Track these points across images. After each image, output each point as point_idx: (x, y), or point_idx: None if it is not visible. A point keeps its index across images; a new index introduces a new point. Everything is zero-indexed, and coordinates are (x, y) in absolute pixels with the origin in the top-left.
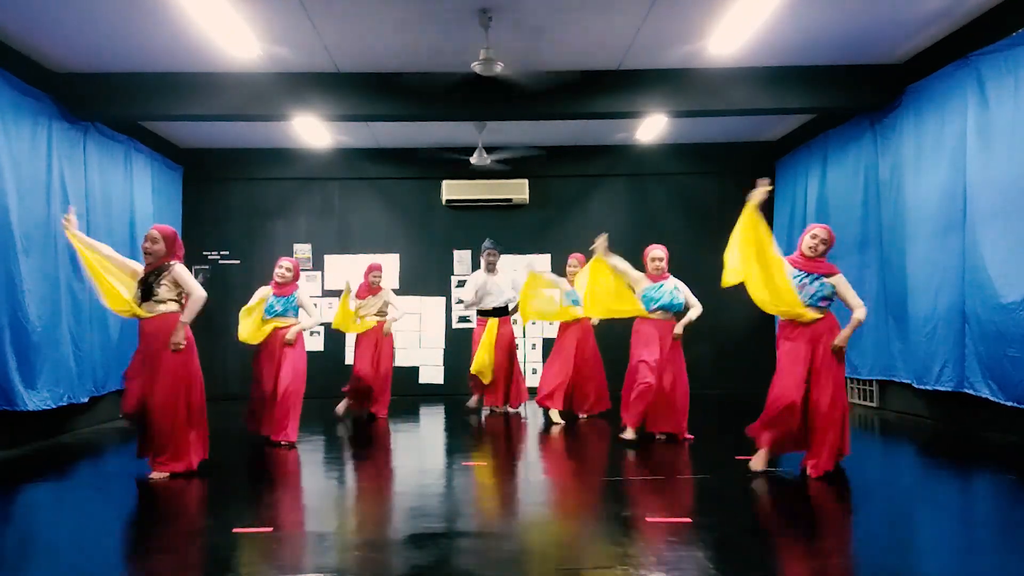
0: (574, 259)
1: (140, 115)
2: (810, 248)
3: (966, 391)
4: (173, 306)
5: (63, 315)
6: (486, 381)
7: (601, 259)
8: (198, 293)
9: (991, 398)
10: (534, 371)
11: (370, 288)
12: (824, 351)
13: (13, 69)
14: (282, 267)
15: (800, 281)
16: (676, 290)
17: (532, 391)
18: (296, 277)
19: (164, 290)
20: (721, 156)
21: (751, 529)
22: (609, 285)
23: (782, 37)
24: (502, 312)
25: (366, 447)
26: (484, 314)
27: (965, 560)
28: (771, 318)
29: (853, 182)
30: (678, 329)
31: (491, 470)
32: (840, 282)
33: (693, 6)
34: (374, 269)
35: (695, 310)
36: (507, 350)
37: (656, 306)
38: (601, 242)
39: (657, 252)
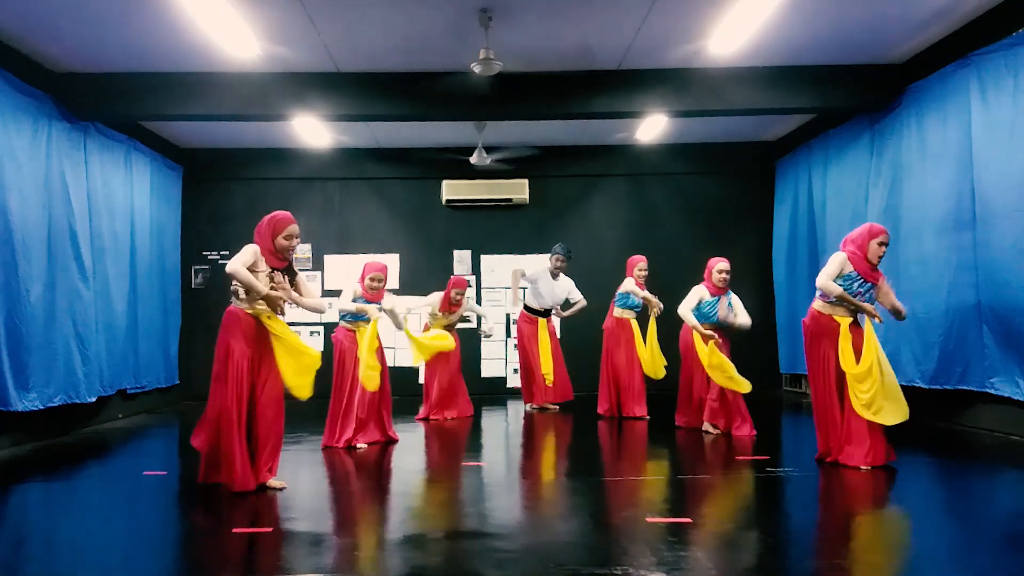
0: (643, 262)
1: (140, 115)
2: (879, 257)
3: (988, 391)
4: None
5: (62, 316)
6: (549, 383)
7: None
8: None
9: (1016, 398)
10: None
11: (451, 303)
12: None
13: (13, 69)
14: (374, 278)
15: (854, 287)
16: (730, 307)
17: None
18: (385, 282)
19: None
20: (721, 156)
21: (751, 529)
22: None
23: (782, 37)
24: (548, 313)
25: (364, 447)
26: (535, 312)
27: (969, 562)
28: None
29: (853, 182)
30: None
31: (490, 470)
32: (883, 285)
33: (693, 6)
34: (458, 285)
35: (742, 319)
36: (558, 348)
37: (709, 322)
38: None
39: (723, 265)
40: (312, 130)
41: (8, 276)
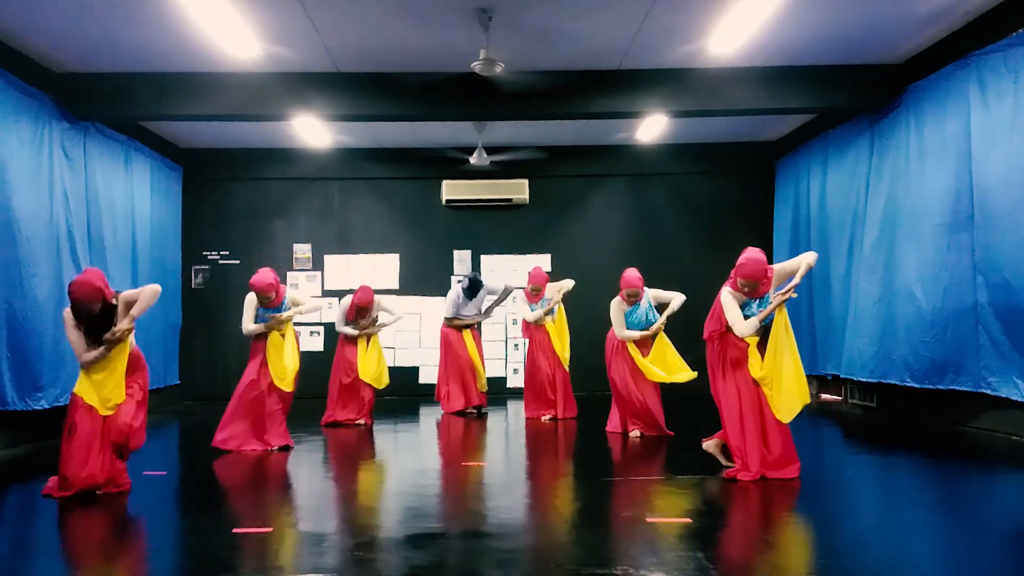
0: (537, 280)
1: (140, 115)
2: (747, 294)
3: (983, 391)
4: (132, 343)
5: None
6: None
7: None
8: (150, 290)
9: (1014, 398)
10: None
11: (357, 315)
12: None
13: (13, 69)
14: (263, 290)
15: (758, 309)
16: (650, 308)
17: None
18: (278, 289)
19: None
20: (721, 156)
21: (751, 529)
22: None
23: (782, 37)
24: (471, 325)
25: (365, 447)
26: (456, 327)
27: (968, 561)
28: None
29: (853, 182)
30: (659, 324)
31: (490, 470)
32: (771, 276)
33: (693, 6)
34: (362, 301)
35: (676, 301)
36: (479, 352)
37: (640, 328)
38: None
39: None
40: (312, 130)
41: (12, 277)
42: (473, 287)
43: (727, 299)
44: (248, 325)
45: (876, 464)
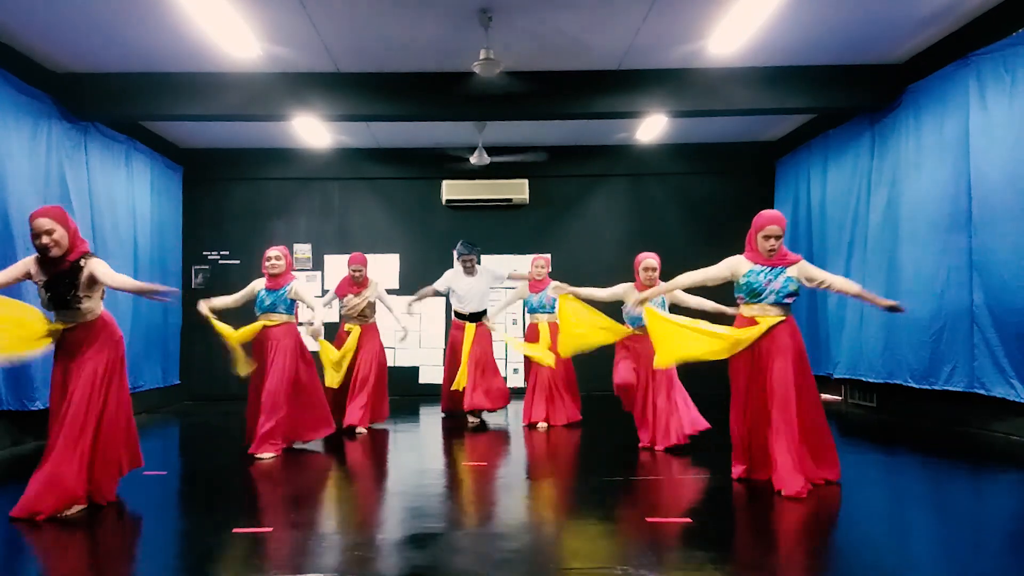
0: (541, 259)
1: (140, 115)
2: (768, 251)
3: (976, 391)
4: (98, 310)
5: None
6: (459, 387)
7: (565, 299)
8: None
9: (1010, 398)
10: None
11: (351, 284)
12: (794, 358)
13: (13, 69)
14: (270, 257)
15: (765, 277)
16: (663, 303)
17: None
18: (289, 267)
19: (85, 298)
20: (721, 156)
21: (751, 529)
22: (583, 321)
23: (782, 37)
24: (479, 317)
25: (364, 447)
26: (461, 317)
27: (968, 561)
28: None
29: (853, 182)
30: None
31: (490, 470)
32: (805, 267)
33: (693, 6)
34: (355, 261)
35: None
36: (488, 351)
37: (641, 323)
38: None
39: (651, 262)
40: (312, 130)
41: None
42: (468, 249)
43: (728, 259)
44: (225, 300)
45: (876, 464)
